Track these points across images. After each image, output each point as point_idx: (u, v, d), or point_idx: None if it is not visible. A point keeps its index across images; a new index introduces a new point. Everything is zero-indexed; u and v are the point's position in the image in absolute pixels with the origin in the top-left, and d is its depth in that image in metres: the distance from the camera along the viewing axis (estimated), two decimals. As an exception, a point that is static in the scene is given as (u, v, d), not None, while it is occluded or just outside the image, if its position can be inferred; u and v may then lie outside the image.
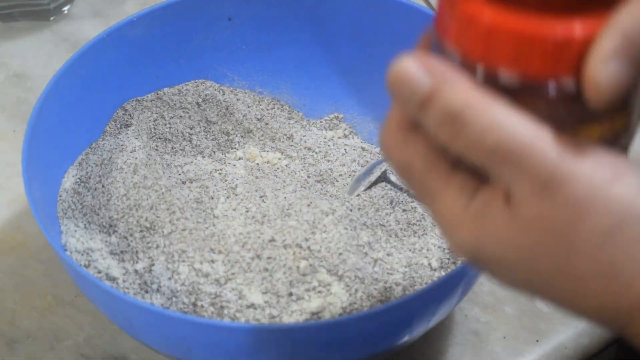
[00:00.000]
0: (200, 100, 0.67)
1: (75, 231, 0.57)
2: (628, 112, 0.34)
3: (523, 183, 0.32)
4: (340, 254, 0.55)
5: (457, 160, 0.34)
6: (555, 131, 0.32)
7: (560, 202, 0.32)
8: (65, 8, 0.83)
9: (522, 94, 0.32)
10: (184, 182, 0.61)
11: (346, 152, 0.66)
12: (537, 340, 0.60)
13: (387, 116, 0.36)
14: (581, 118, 0.33)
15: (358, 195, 0.61)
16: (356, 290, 0.54)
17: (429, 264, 0.58)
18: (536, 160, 0.32)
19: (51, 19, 0.83)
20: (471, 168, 0.34)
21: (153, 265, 0.54)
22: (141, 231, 0.56)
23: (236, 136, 0.66)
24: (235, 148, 0.66)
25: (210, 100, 0.67)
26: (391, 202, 0.61)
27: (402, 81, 0.34)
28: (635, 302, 0.32)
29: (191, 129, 0.66)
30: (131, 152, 0.61)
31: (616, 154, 0.33)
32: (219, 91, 0.68)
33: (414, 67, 0.33)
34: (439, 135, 0.33)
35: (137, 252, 0.55)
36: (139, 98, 0.66)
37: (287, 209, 0.58)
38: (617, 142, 0.34)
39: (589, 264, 0.32)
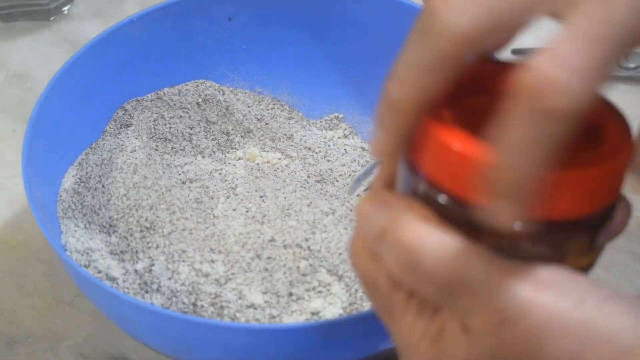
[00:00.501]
0: (200, 100, 0.67)
1: (75, 231, 0.57)
2: (596, 251, 0.35)
3: (479, 317, 0.32)
4: (340, 254, 0.55)
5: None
6: (514, 262, 0.32)
7: (519, 334, 0.31)
8: (65, 8, 0.83)
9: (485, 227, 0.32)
10: (184, 182, 0.61)
11: (346, 152, 0.66)
12: (537, 340, 0.60)
13: (355, 229, 0.37)
14: (546, 257, 0.33)
15: (358, 195, 0.61)
16: (356, 290, 0.54)
17: (429, 264, 0.58)
18: (491, 294, 0.31)
19: (51, 19, 0.83)
20: None
21: (153, 265, 0.55)
22: (141, 231, 0.56)
23: (236, 136, 0.66)
24: (235, 148, 0.66)
25: (210, 100, 0.67)
26: (391, 202, 0.61)
27: (363, 216, 0.35)
28: None
29: (191, 129, 0.66)
30: (131, 152, 0.61)
31: (579, 278, 0.32)
32: (219, 91, 0.68)
33: (374, 203, 0.34)
34: (392, 268, 0.33)
35: (137, 252, 0.55)
36: (139, 98, 0.66)
37: (287, 209, 0.58)
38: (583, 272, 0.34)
39: None
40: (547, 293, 0.31)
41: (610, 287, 0.33)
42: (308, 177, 0.64)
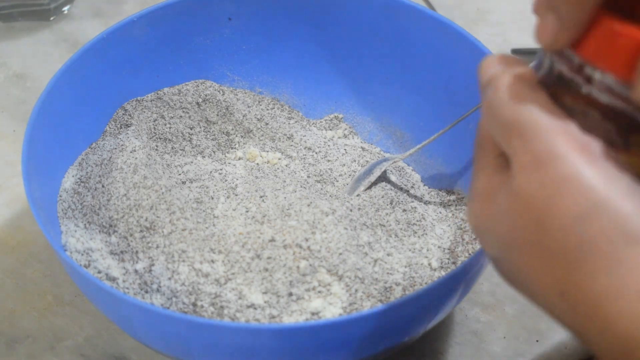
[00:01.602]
0: (200, 100, 0.67)
1: (75, 231, 0.57)
2: None
3: (522, 157, 0.35)
4: (340, 254, 0.55)
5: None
6: (576, 126, 0.35)
7: (546, 177, 0.34)
8: (65, 8, 0.83)
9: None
10: (184, 182, 0.61)
11: (346, 152, 0.66)
12: (537, 340, 0.60)
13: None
14: (611, 138, 0.34)
15: (358, 195, 0.61)
16: (356, 290, 0.54)
17: (429, 264, 0.58)
18: (539, 138, 0.34)
19: (51, 19, 0.83)
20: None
21: (153, 265, 0.54)
22: (141, 231, 0.56)
23: (236, 136, 0.66)
24: (235, 148, 0.66)
25: (210, 100, 0.67)
26: (391, 202, 0.61)
27: (482, 67, 0.39)
28: (599, 294, 0.33)
29: (191, 129, 0.66)
30: (131, 152, 0.61)
31: (623, 170, 0.34)
32: (219, 91, 0.68)
33: (494, 59, 0.39)
34: (485, 112, 0.38)
35: (137, 252, 0.55)
36: (139, 98, 0.66)
37: (287, 209, 0.58)
38: None
39: (557, 244, 0.34)
40: (582, 155, 0.34)
41: None
42: (308, 177, 0.64)
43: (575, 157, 0.34)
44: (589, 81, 0.35)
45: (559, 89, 0.36)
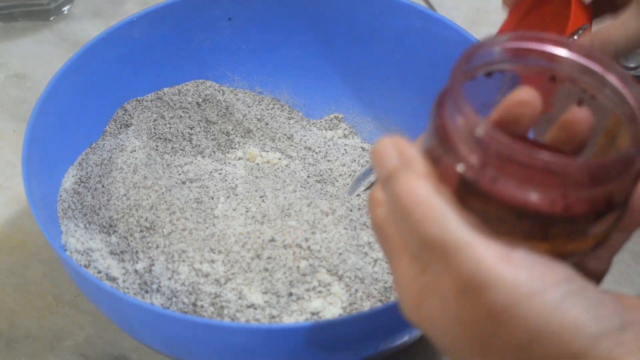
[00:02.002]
0: (200, 100, 0.67)
1: (75, 231, 0.57)
2: (592, 239, 0.34)
3: (447, 281, 0.33)
4: (340, 254, 0.55)
5: None
6: (492, 235, 0.33)
7: (478, 307, 0.32)
8: (65, 8, 0.83)
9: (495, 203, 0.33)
10: (184, 182, 0.61)
11: (346, 152, 0.66)
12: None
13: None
14: (529, 234, 0.33)
15: (358, 195, 0.61)
16: (356, 290, 0.54)
17: (429, 264, 0.58)
18: (460, 262, 0.32)
19: (51, 19, 0.83)
20: None
21: (153, 265, 0.54)
22: (141, 231, 0.56)
23: (236, 136, 0.66)
24: (235, 148, 0.66)
25: (210, 100, 0.67)
26: (391, 202, 0.61)
27: (376, 156, 0.36)
28: None
29: (191, 129, 0.66)
30: (131, 152, 0.61)
31: (553, 266, 0.32)
32: (219, 91, 0.68)
33: (388, 146, 0.36)
34: (391, 212, 0.35)
35: (137, 252, 0.55)
36: (139, 98, 0.66)
37: (287, 209, 0.58)
38: (571, 259, 0.34)
39: None
40: (514, 274, 0.31)
41: (583, 280, 0.32)
42: (308, 177, 0.64)
43: (502, 282, 0.31)
44: (494, 182, 0.33)
45: (464, 192, 0.34)
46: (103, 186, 0.59)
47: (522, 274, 0.32)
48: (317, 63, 0.69)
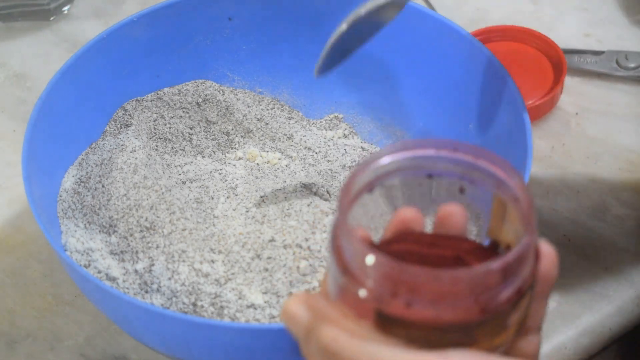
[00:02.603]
0: (200, 100, 0.67)
1: (75, 231, 0.57)
2: (508, 328, 0.35)
3: None
4: (340, 254, 0.55)
5: None
6: (423, 350, 0.33)
7: None
8: (65, 8, 0.83)
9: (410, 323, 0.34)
10: (184, 182, 0.61)
11: (346, 152, 0.66)
12: (537, 340, 0.60)
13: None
14: (458, 343, 0.34)
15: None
16: (356, 290, 0.54)
17: (429, 264, 0.58)
18: None
19: (51, 19, 0.83)
20: None
21: (153, 265, 0.54)
22: (141, 231, 0.56)
23: (236, 136, 0.66)
24: (235, 148, 0.66)
25: (210, 100, 0.67)
26: (391, 202, 0.61)
27: (288, 318, 0.37)
28: None
29: (191, 129, 0.66)
30: (131, 152, 0.61)
31: None
32: (219, 91, 0.68)
33: (297, 305, 0.37)
34: None
35: (137, 252, 0.55)
36: (139, 98, 0.66)
37: (287, 209, 0.58)
38: (499, 351, 0.35)
39: None
40: None
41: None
42: (308, 177, 0.64)
43: None
44: (408, 308, 0.34)
45: (383, 322, 0.35)
46: (103, 186, 0.59)
47: None
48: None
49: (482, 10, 0.84)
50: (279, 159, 0.66)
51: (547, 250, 0.36)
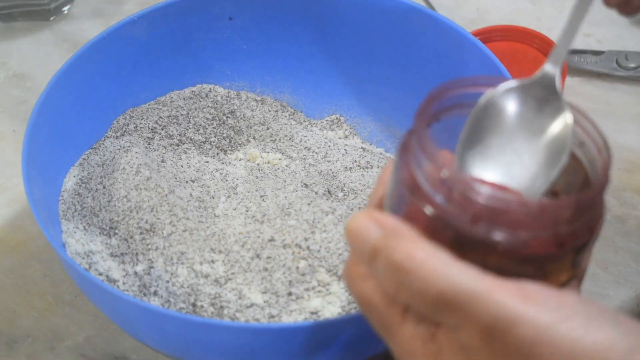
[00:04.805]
0: (200, 100, 0.67)
1: (75, 232, 0.57)
2: (575, 270, 0.36)
3: (469, 331, 0.33)
4: (340, 254, 0.55)
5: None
6: (499, 278, 0.33)
7: (508, 347, 0.32)
8: (65, 8, 0.83)
9: (493, 250, 0.34)
10: (185, 182, 0.61)
11: (346, 153, 0.66)
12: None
13: (350, 252, 0.38)
14: (529, 275, 0.34)
15: (356, 195, 0.61)
16: (356, 290, 0.54)
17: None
18: (478, 307, 0.32)
19: (51, 19, 0.83)
20: None
21: (152, 267, 0.54)
22: (141, 233, 0.56)
23: (237, 137, 0.66)
24: (236, 149, 0.66)
25: (211, 100, 0.67)
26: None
27: (355, 235, 0.36)
28: None
29: (192, 129, 0.66)
30: (132, 153, 0.61)
31: (565, 295, 0.33)
32: (219, 92, 0.68)
33: (365, 222, 0.35)
34: (386, 286, 0.35)
35: (137, 253, 0.55)
36: (139, 98, 0.66)
37: (287, 208, 0.58)
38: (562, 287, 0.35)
39: None
40: (534, 307, 0.32)
41: (598, 303, 0.33)
42: (308, 177, 0.64)
43: (527, 316, 0.32)
44: (489, 234, 0.33)
45: (460, 247, 0.34)
46: (104, 187, 0.59)
47: (542, 307, 0.32)
48: (317, 63, 0.69)
49: (482, 10, 0.84)
50: (280, 159, 0.66)
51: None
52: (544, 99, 0.39)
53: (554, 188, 0.37)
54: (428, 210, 0.34)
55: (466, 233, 0.33)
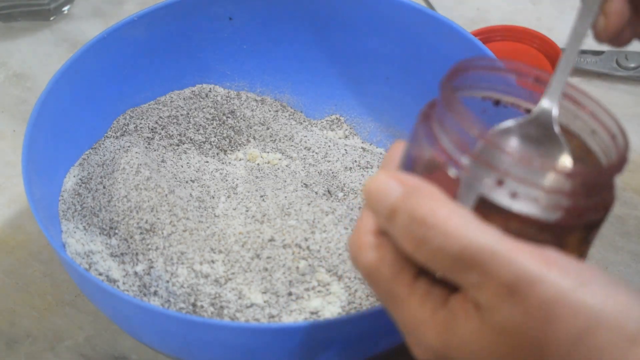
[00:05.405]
0: (201, 100, 0.67)
1: (75, 232, 0.57)
2: (588, 245, 0.36)
3: (489, 289, 0.33)
4: (340, 254, 0.55)
5: (422, 268, 0.35)
6: (522, 240, 0.33)
7: (529, 305, 0.32)
8: (65, 8, 0.83)
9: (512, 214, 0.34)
10: (185, 182, 0.61)
11: (346, 152, 0.66)
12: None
13: (357, 221, 0.37)
14: (548, 243, 0.34)
15: (356, 195, 0.61)
16: (355, 290, 0.54)
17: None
18: (501, 265, 0.32)
19: (51, 19, 0.83)
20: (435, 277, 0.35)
21: (152, 267, 0.54)
22: (141, 233, 0.56)
23: (237, 137, 0.66)
24: (236, 149, 0.66)
25: (212, 100, 0.67)
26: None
27: (375, 191, 0.35)
28: None
29: (192, 129, 0.66)
30: (132, 153, 0.61)
31: (580, 262, 0.33)
32: (220, 92, 0.68)
33: (386, 180, 0.35)
34: (404, 244, 0.34)
35: (137, 253, 0.55)
36: (139, 99, 0.66)
37: (287, 208, 0.58)
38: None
39: None
40: (554, 270, 0.32)
41: (613, 275, 0.34)
42: (308, 177, 0.64)
43: (549, 277, 0.32)
44: (514, 196, 0.33)
45: (482, 210, 0.34)
46: (104, 187, 0.59)
47: (563, 271, 0.32)
48: (317, 63, 0.69)
49: (482, 10, 0.84)
50: (280, 159, 0.66)
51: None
52: (541, 140, 0.39)
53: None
54: (452, 172, 0.34)
55: (490, 196, 0.33)
